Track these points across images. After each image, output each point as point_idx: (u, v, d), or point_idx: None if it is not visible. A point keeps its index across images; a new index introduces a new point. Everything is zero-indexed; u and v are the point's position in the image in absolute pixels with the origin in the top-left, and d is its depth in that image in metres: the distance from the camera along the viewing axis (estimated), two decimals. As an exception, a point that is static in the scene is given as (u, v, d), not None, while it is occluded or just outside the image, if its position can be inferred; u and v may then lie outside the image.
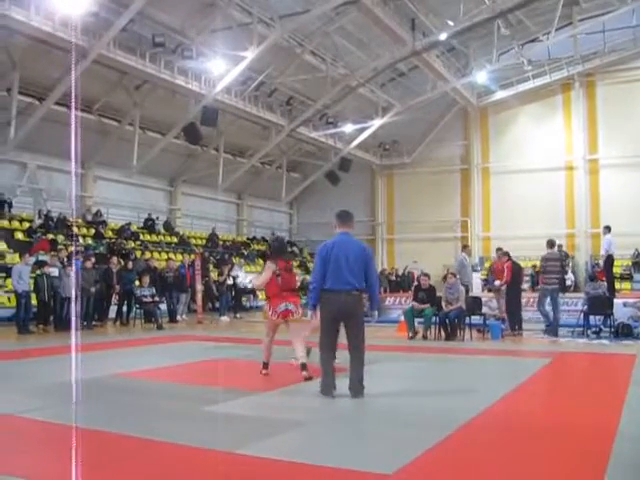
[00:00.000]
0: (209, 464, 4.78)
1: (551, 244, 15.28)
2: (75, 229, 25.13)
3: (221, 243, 32.13)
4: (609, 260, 18.45)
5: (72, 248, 21.68)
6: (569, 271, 28.17)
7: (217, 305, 23.04)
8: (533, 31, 31.38)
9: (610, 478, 4.29)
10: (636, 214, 29.96)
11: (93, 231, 25.56)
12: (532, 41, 32.47)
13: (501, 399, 7.10)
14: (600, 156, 33.52)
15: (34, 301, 16.64)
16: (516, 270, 15.40)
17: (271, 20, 24.78)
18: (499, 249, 16.75)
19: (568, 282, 28.45)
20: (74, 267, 17.02)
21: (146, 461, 4.88)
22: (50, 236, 22.43)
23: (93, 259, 18.59)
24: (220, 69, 25.17)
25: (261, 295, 27.92)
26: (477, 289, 23.74)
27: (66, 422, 5.96)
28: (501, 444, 5.38)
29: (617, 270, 26.97)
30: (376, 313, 8.06)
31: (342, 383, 7.12)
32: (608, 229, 18.52)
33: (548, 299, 14.78)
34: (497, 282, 15.85)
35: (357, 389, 7.09)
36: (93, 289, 17.20)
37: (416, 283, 16.09)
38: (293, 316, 8.67)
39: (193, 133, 26.37)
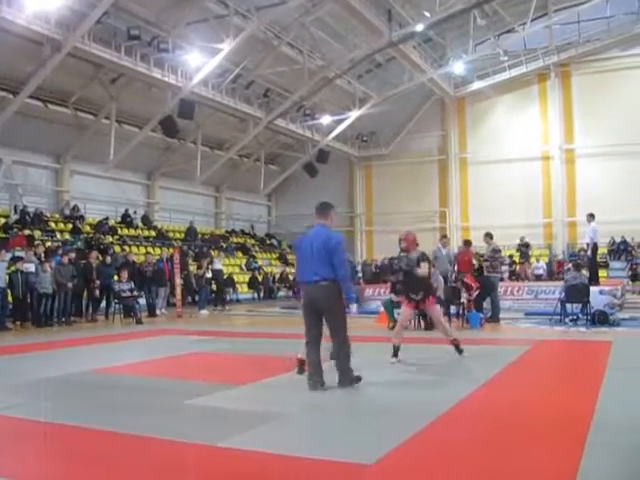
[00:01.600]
0: (191, 458, 4.78)
1: (491, 236, 16.00)
2: (52, 224, 24.96)
3: (200, 236, 32.04)
4: (594, 248, 18.58)
5: (49, 243, 21.56)
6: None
7: (197, 299, 22.97)
8: (509, 22, 31.54)
9: (586, 462, 4.36)
10: (612, 203, 30.24)
11: (70, 226, 25.38)
12: (508, 32, 32.65)
13: (480, 387, 7.16)
14: (576, 146, 33.80)
15: (10, 298, 16.48)
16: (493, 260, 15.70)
17: (248, 12, 24.68)
18: (467, 241, 17.25)
19: (540, 271, 28.86)
20: (54, 262, 16.96)
21: (126, 456, 4.87)
22: (27, 232, 22.21)
23: (73, 254, 18.47)
24: (197, 62, 25.06)
25: (241, 288, 27.97)
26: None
27: (45, 419, 5.94)
28: (480, 432, 5.43)
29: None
30: (354, 305, 7.97)
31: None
32: (592, 217, 18.56)
33: None
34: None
35: (342, 380, 7.09)
36: (70, 284, 17.07)
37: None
38: None
39: (170, 126, 26.20)
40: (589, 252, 18.94)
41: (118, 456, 4.85)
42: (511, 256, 30.31)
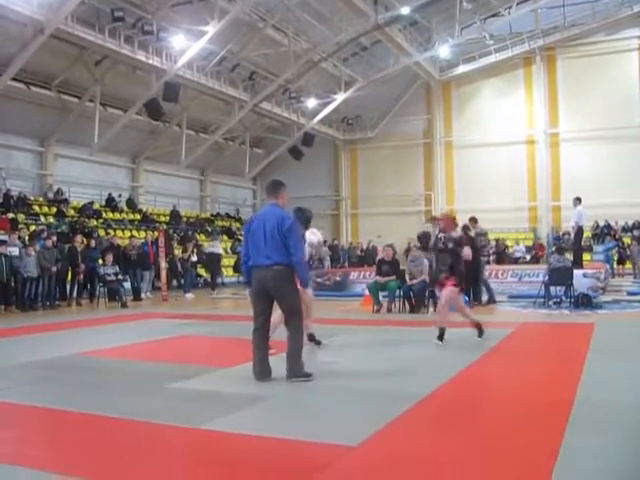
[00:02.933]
0: (174, 441, 4.80)
1: (475, 220, 16.04)
2: (36, 208, 24.81)
3: (185, 220, 31.97)
4: (579, 231, 18.67)
5: (33, 227, 21.43)
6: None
7: (182, 282, 22.94)
8: (495, 5, 31.56)
9: (569, 438, 4.44)
10: (595, 187, 30.42)
11: (55, 210, 25.23)
12: (494, 15, 32.69)
13: (464, 370, 7.22)
14: (561, 130, 33.97)
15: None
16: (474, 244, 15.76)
17: (232, -6, 24.52)
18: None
19: (519, 254, 29.00)
20: (38, 246, 16.86)
21: (111, 439, 4.88)
22: (10, 215, 22.06)
23: (54, 238, 18.36)
24: (181, 44, 24.89)
25: (226, 272, 27.92)
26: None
27: (31, 403, 5.95)
28: (464, 414, 5.48)
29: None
30: (310, 290, 7.63)
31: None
32: (579, 200, 18.63)
33: None
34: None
35: (289, 370, 6.72)
36: (54, 268, 16.98)
37: (380, 256, 16.17)
38: None
39: (155, 109, 26.05)
40: (573, 235, 19.04)
41: (100, 439, 4.86)
42: (497, 240, 30.43)
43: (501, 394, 6.10)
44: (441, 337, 9.09)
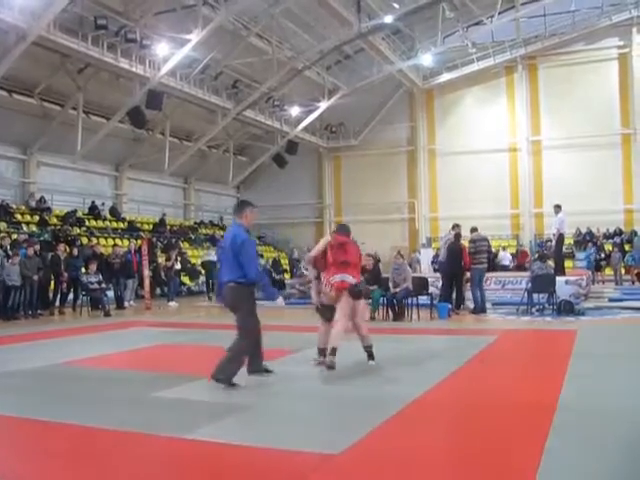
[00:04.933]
0: (159, 450, 4.80)
1: (475, 228, 15.94)
2: (18, 216, 24.65)
3: (168, 228, 31.88)
4: (560, 238, 18.77)
5: (15, 236, 21.27)
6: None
7: (166, 290, 22.86)
8: (477, 14, 31.77)
9: (551, 442, 4.47)
10: (577, 194, 30.65)
11: (37, 218, 25.08)
12: (476, 24, 32.90)
13: (448, 377, 7.26)
14: (543, 137, 34.18)
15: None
16: (457, 252, 15.70)
17: (216, 2, 24.53)
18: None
19: (506, 262, 29.00)
20: (20, 255, 16.75)
21: (95, 449, 4.87)
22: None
23: (37, 246, 18.25)
24: (165, 52, 24.85)
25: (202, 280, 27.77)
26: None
27: (11, 413, 5.91)
28: (447, 421, 5.52)
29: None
30: (280, 299, 7.56)
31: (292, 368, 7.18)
32: (559, 208, 18.75)
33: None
34: None
35: (217, 372, 6.77)
36: (36, 277, 16.86)
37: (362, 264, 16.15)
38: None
39: (138, 117, 25.96)
40: (554, 243, 19.11)
41: (84, 450, 4.85)
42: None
43: (484, 401, 6.13)
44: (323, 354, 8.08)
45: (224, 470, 4.33)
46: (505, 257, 29.61)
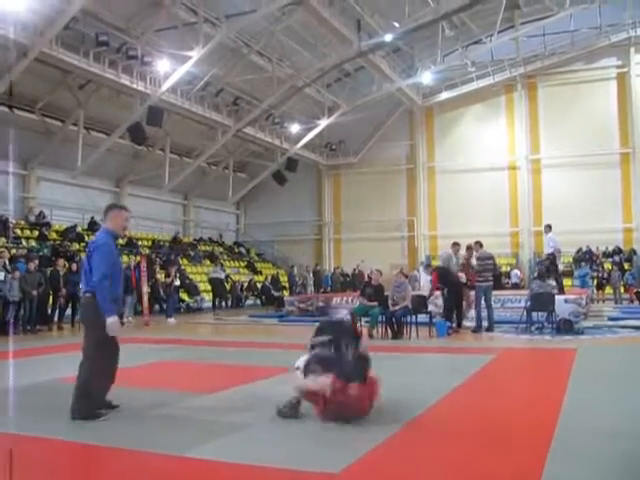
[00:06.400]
0: (156, 468, 4.76)
1: (481, 244, 15.85)
2: (18, 231, 24.63)
3: (167, 244, 31.91)
4: (553, 258, 18.76)
5: (14, 251, 21.25)
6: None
7: (164, 307, 22.81)
8: (476, 33, 31.99)
9: (550, 467, 4.44)
10: (576, 213, 30.81)
11: (37, 233, 25.07)
12: (476, 43, 33.16)
13: (446, 396, 7.21)
14: (542, 156, 34.30)
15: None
16: (444, 274, 15.70)
17: (217, 20, 24.68)
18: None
19: (516, 280, 28.96)
20: (19, 270, 16.73)
21: (90, 467, 4.83)
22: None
23: (36, 261, 18.23)
24: (166, 69, 24.99)
25: (209, 296, 27.81)
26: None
27: (2, 430, 5.86)
28: (445, 440, 5.48)
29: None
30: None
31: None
32: (549, 228, 18.88)
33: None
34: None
35: (73, 408, 6.17)
36: (35, 292, 16.84)
37: (367, 279, 16.19)
38: None
39: (138, 133, 26.07)
40: (547, 262, 19.05)
41: (82, 468, 4.81)
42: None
43: (483, 421, 6.10)
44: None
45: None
46: (515, 275, 29.76)
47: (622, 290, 26.48)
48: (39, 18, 20.54)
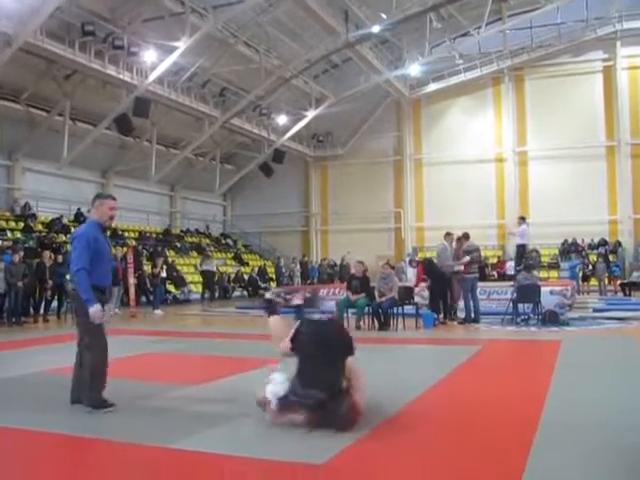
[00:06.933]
0: (143, 459, 4.76)
1: (467, 236, 15.92)
2: (2, 223, 24.48)
3: (154, 236, 31.80)
4: (520, 250, 18.99)
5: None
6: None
7: (151, 298, 22.76)
8: (464, 25, 32.01)
9: (533, 460, 4.46)
10: (562, 204, 31.00)
11: (22, 225, 24.93)
12: (463, 35, 33.20)
13: (432, 387, 7.24)
14: (529, 148, 34.45)
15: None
16: (429, 267, 15.85)
17: (204, 10, 24.59)
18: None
19: (512, 272, 29.08)
20: (3, 262, 16.65)
21: (77, 458, 4.83)
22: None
23: (22, 253, 18.13)
24: (152, 59, 24.87)
25: (196, 288, 27.78)
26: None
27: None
28: (429, 432, 5.50)
29: (545, 259, 27.81)
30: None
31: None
32: (523, 219, 19.07)
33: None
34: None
35: (82, 397, 6.26)
36: (20, 284, 16.75)
37: (352, 271, 16.23)
38: None
39: (125, 124, 25.95)
40: (515, 254, 19.22)
41: (68, 459, 4.81)
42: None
43: (467, 412, 6.12)
44: None
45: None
46: (511, 267, 29.89)
47: (607, 282, 26.65)
48: (23, 7, 20.33)
